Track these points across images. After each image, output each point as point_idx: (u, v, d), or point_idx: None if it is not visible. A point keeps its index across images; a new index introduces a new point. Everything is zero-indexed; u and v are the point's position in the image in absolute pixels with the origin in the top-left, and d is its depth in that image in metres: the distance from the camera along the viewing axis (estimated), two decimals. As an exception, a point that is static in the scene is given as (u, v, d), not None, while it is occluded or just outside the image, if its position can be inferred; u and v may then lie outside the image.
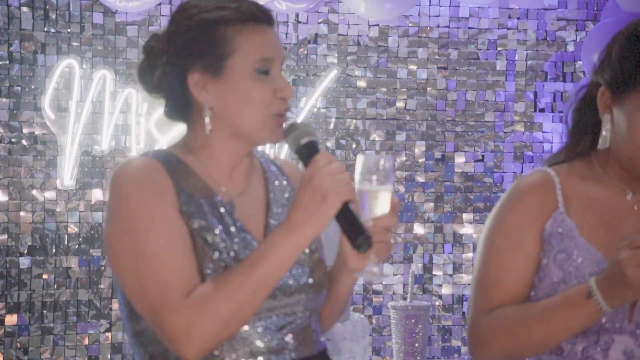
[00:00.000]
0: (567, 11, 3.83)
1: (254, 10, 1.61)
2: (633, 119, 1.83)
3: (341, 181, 1.53)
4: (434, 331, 3.73)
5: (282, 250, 1.54)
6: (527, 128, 3.84)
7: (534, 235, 1.85)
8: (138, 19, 3.58)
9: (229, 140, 1.64)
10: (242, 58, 1.59)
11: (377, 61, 3.75)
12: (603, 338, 1.80)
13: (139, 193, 1.57)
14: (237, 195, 1.66)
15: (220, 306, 1.51)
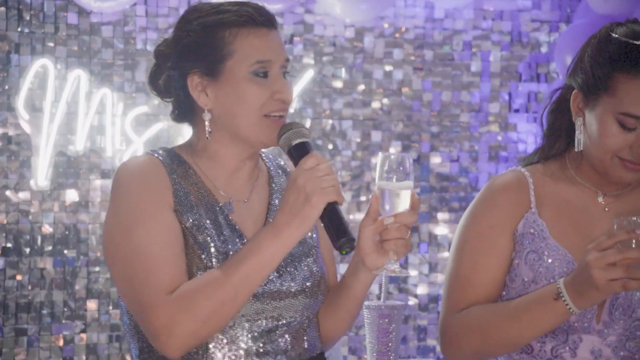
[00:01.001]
0: (540, 12, 3.86)
1: (252, 13, 1.63)
2: (604, 122, 1.85)
3: (326, 182, 1.53)
4: (409, 330, 3.75)
5: (266, 250, 1.54)
6: (502, 128, 3.87)
7: (506, 235, 1.87)
8: (113, 19, 3.57)
9: (229, 143, 1.66)
10: (239, 60, 1.61)
11: (353, 62, 3.76)
12: (572, 337, 1.83)
13: (135, 189, 1.61)
14: (237, 199, 1.68)
15: (201, 304, 1.52)
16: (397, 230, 1.61)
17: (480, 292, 1.88)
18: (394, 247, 1.61)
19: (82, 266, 3.54)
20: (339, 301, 1.73)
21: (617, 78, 1.81)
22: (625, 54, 1.81)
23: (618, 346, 1.82)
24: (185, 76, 1.64)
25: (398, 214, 1.61)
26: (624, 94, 1.81)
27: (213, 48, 1.61)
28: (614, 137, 1.84)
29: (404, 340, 3.74)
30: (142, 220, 1.58)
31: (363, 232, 1.63)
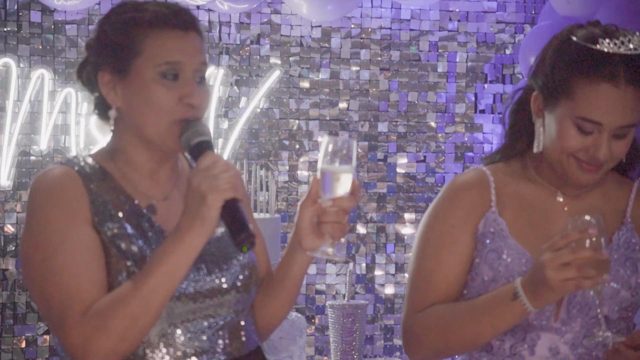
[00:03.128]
0: (505, 14, 3.88)
1: (167, 13, 1.60)
2: (562, 125, 1.86)
3: (222, 180, 1.50)
4: (376, 330, 3.76)
5: (173, 257, 1.51)
6: (468, 129, 3.89)
7: (467, 234, 1.88)
8: (77, 18, 3.55)
9: (139, 145, 1.62)
10: (147, 60, 1.57)
11: (319, 62, 3.77)
12: (530, 335, 1.84)
13: (49, 206, 1.56)
14: (159, 200, 1.64)
15: (114, 321, 1.50)
16: (335, 214, 1.59)
17: (441, 291, 1.89)
18: (330, 230, 1.60)
19: (45, 267, 3.52)
20: (277, 285, 1.72)
21: (575, 82, 1.82)
22: (584, 58, 1.82)
23: (575, 343, 1.84)
24: (97, 71, 1.61)
25: (337, 197, 1.59)
26: (581, 98, 1.82)
27: (124, 45, 1.58)
28: (571, 140, 1.85)
29: (370, 340, 3.76)
30: (56, 239, 1.54)
31: (302, 214, 1.61)
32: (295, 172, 3.76)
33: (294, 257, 1.69)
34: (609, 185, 1.92)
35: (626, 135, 1.81)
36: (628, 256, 1.86)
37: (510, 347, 1.85)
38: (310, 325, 3.68)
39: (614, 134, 1.81)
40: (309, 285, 3.71)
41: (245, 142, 3.66)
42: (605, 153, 1.81)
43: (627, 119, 1.78)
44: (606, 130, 1.81)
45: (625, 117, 1.78)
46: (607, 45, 1.81)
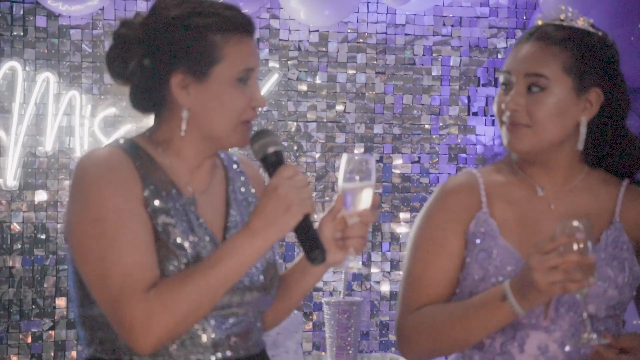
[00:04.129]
0: (498, 20, 3.88)
1: (241, 19, 1.62)
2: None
3: (305, 194, 1.54)
4: (372, 326, 3.76)
5: (242, 253, 1.54)
6: (461, 131, 3.89)
7: (458, 235, 1.88)
8: (81, 23, 3.55)
9: (198, 141, 1.64)
10: (228, 66, 1.59)
11: (317, 66, 3.77)
12: (519, 333, 1.84)
13: (105, 183, 1.55)
14: (198, 192, 1.66)
15: (180, 302, 1.51)
16: (359, 228, 1.63)
17: (433, 291, 1.89)
18: (354, 244, 1.63)
19: (50, 265, 3.52)
20: (286, 291, 1.74)
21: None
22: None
23: (564, 342, 1.84)
24: (168, 71, 1.60)
25: (360, 212, 1.62)
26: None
27: (203, 50, 1.59)
28: (498, 99, 1.89)
29: (366, 336, 3.75)
30: (116, 215, 1.53)
31: (324, 229, 1.64)
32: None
33: (311, 270, 1.72)
34: (597, 184, 1.92)
35: (542, 92, 1.80)
36: (616, 255, 1.86)
37: (500, 345, 1.86)
38: (308, 322, 3.68)
39: (528, 86, 1.81)
40: (306, 283, 3.72)
41: (245, 143, 3.66)
42: (510, 102, 1.81)
43: (532, 67, 1.79)
44: (517, 81, 1.82)
45: (529, 66, 1.79)
46: (537, 18, 1.89)
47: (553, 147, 1.85)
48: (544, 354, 1.84)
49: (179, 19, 1.60)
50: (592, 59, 1.83)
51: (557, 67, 1.81)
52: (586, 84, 1.83)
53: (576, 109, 1.83)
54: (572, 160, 1.90)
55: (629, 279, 1.86)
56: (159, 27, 1.61)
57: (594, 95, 1.84)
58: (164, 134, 1.64)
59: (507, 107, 1.83)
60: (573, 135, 1.85)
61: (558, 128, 1.83)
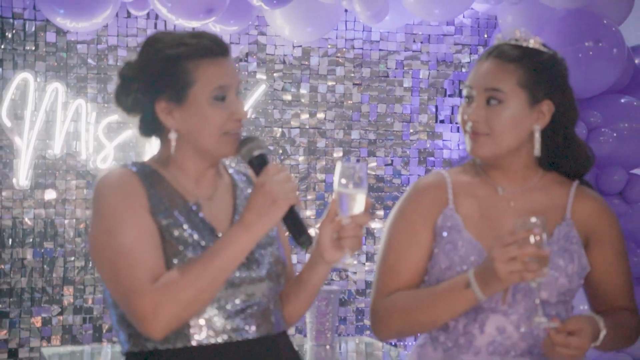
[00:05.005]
0: (462, 37, 3.92)
1: (211, 45, 1.65)
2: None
3: (289, 188, 1.58)
4: (348, 312, 3.78)
5: (237, 245, 1.58)
6: (430, 137, 3.92)
7: (427, 229, 1.91)
8: (87, 38, 3.56)
9: (193, 156, 1.68)
10: (201, 88, 1.63)
11: (300, 77, 3.79)
12: (480, 316, 1.87)
13: (115, 198, 1.62)
14: (204, 199, 1.70)
15: (183, 291, 1.55)
16: (353, 229, 1.65)
17: (404, 278, 1.91)
18: (349, 243, 1.65)
19: (59, 256, 3.52)
20: (300, 290, 1.77)
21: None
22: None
23: (519, 324, 1.87)
24: (152, 100, 1.65)
25: (354, 215, 1.64)
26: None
27: (178, 77, 1.63)
28: (461, 110, 1.92)
29: (344, 321, 3.78)
30: (123, 222, 1.59)
31: (323, 231, 1.66)
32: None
33: (316, 268, 1.76)
34: (551, 185, 1.95)
35: (500, 104, 1.84)
36: (566, 248, 1.89)
37: (463, 327, 1.88)
38: (292, 308, 3.69)
39: (487, 100, 1.85)
40: (290, 273, 3.74)
41: (235, 147, 3.67)
42: (472, 113, 1.84)
43: (491, 83, 1.83)
44: (478, 94, 1.85)
45: (488, 82, 1.83)
46: (496, 38, 1.93)
47: (510, 153, 1.88)
48: (501, 335, 1.87)
49: (157, 53, 1.64)
50: (543, 74, 1.86)
51: (513, 83, 1.84)
52: (538, 96, 1.86)
53: (530, 119, 1.86)
54: (528, 163, 1.93)
55: (578, 268, 1.89)
56: (144, 63, 1.66)
57: (546, 106, 1.87)
58: (166, 153, 1.69)
59: (469, 118, 1.86)
60: (528, 142, 1.88)
61: (514, 136, 1.86)
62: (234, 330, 1.65)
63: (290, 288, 1.78)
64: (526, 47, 1.87)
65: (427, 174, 2.03)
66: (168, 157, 1.68)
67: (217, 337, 1.64)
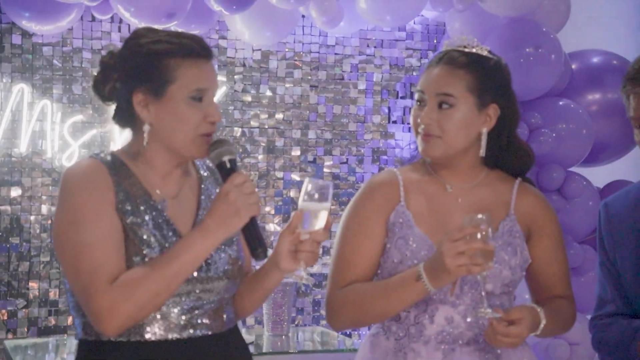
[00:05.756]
0: (413, 42, 3.95)
1: (195, 46, 1.63)
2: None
3: (252, 199, 1.56)
4: (306, 303, 3.79)
5: (195, 249, 1.56)
6: (383, 137, 3.94)
7: (380, 224, 1.93)
8: (53, 41, 3.50)
9: (163, 152, 1.64)
10: (180, 86, 1.60)
11: (260, 80, 3.78)
12: (430, 307, 1.90)
13: (81, 191, 1.57)
14: (170, 197, 1.66)
15: (140, 292, 1.52)
16: (311, 245, 1.64)
17: (358, 271, 1.92)
18: (305, 258, 1.65)
19: (24, 251, 3.46)
20: (253, 291, 1.77)
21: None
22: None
23: (466, 314, 1.90)
24: (130, 91, 1.61)
25: (313, 231, 1.63)
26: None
27: (159, 72, 1.60)
28: (413, 113, 1.91)
29: (301, 311, 3.78)
30: (87, 217, 1.55)
31: (281, 241, 1.65)
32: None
33: (270, 274, 1.75)
34: (496, 182, 1.98)
35: (450, 108, 1.86)
36: (510, 242, 1.92)
37: (414, 317, 1.90)
38: (252, 300, 3.68)
39: (439, 104, 1.87)
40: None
41: (197, 146, 3.64)
42: (424, 117, 1.87)
43: (442, 88, 1.85)
44: (429, 99, 1.88)
45: (439, 87, 1.86)
46: (444, 45, 1.96)
47: (459, 153, 1.91)
48: (449, 324, 1.89)
49: (141, 47, 1.62)
50: (490, 80, 1.89)
51: (463, 88, 1.87)
52: (486, 101, 1.89)
53: (478, 122, 1.89)
54: (475, 162, 1.95)
55: (520, 261, 1.93)
56: (127, 54, 1.63)
57: (492, 110, 1.90)
58: (136, 146, 1.65)
59: (422, 121, 1.88)
60: (475, 143, 1.91)
61: (463, 138, 1.88)
62: (187, 327, 1.63)
63: (244, 286, 1.76)
64: (474, 54, 1.89)
65: (381, 172, 2.04)
66: (138, 150, 1.64)
67: (171, 333, 1.61)
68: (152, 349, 1.60)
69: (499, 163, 1.99)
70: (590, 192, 3.41)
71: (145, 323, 1.60)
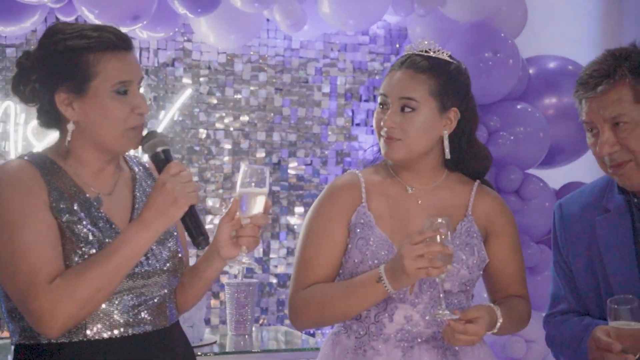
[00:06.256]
0: (376, 46, 3.95)
1: (113, 38, 1.56)
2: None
3: (189, 188, 1.51)
4: (270, 303, 3.76)
5: (135, 242, 1.50)
6: (346, 139, 3.93)
7: (342, 226, 1.91)
8: (16, 42, 3.42)
9: (93, 149, 1.59)
10: (102, 81, 1.54)
11: (225, 82, 3.74)
12: (390, 306, 1.89)
13: (12, 192, 1.50)
14: (104, 193, 1.61)
15: (80, 290, 1.46)
16: (251, 229, 1.60)
17: (320, 272, 1.91)
18: (246, 242, 1.61)
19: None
20: (194, 281, 1.73)
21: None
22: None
23: (425, 312, 1.89)
24: (52, 91, 1.56)
25: (253, 215, 1.60)
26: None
27: (79, 69, 1.54)
28: (376, 116, 1.89)
29: (266, 311, 3.75)
30: (21, 220, 1.49)
31: (222, 228, 1.62)
32: (204, 172, 3.72)
33: (211, 262, 1.71)
34: (455, 184, 1.98)
35: (413, 112, 1.85)
36: (467, 242, 1.92)
37: (374, 316, 1.89)
38: (216, 300, 3.64)
39: (401, 107, 1.86)
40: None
41: (162, 148, 3.59)
42: (387, 120, 1.86)
43: (405, 92, 1.84)
44: (392, 102, 1.87)
45: (402, 91, 1.85)
46: (406, 49, 1.93)
47: (421, 156, 1.90)
48: (408, 322, 1.89)
49: (57, 44, 1.55)
50: (451, 84, 1.88)
51: (425, 92, 1.86)
52: (447, 104, 1.88)
53: (439, 125, 1.89)
54: (435, 165, 1.95)
55: (478, 261, 1.93)
56: (43, 54, 1.56)
57: (453, 113, 1.90)
58: (64, 146, 1.60)
59: (385, 124, 1.87)
60: (436, 145, 1.91)
61: (425, 141, 1.88)
62: (130, 324, 1.59)
63: (185, 277, 1.72)
64: (435, 58, 1.89)
65: (343, 174, 2.03)
66: (67, 149, 1.59)
67: (113, 331, 1.57)
68: (94, 349, 1.54)
69: (458, 165, 1.98)
70: (547, 193, 3.43)
71: (87, 322, 1.55)
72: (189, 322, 2.95)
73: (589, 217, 1.90)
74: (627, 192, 1.85)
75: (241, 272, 3.27)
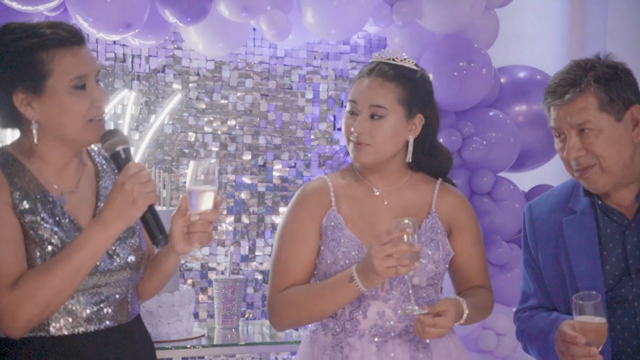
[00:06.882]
0: (357, 55, 3.99)
1: (64, 34, 1.51)
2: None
3: (148, 188, 1.47)
4: (256, 298, 3.79)
5: (95, 242, 1.47)
6: (329, 142, 3.97)
7: (313, 229, 1.95)
8: None
9: (57, 145, 1.54)
10: (59, 78, 1.49)
11: (213, 88, 3.77)
12: (363, 304, 1.93)
13: None
14: (67, 190, 1.57)
15: (42, 291, 1.43)
16: (202, 225, 1.55)
17: (296, 275, 1.94)
18: (198, 238, 1.57)
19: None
20: (154, 274, 1.69)
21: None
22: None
23: (396, 307, 1.93)
24: (9, 92, 1.50)
25: (202, 211, 1.55)
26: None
27: (34, 68, 1.48)
28: (345, 122, 1.91)
29: (252, 306, 3.79)
30: None
31: (174, 224, 1.57)
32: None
33: (167, 257, 1.66)
34: (418, 184, 2.01)
35: (382, 119, 1.88)
36: (432, 238, 1.96)
37: (349, 313, 1.93)
38: (204, 295, 3.68)
39: (371, 115, 1.90)
40: (203, 264, 3.71)
41: (153, 150, 3.63)
42: (357, 126, 1.90)
43: (374, 100, 1.88)
44: (362, 109, 1.91)
45: (371, 98, 1.89)
46: (374, 57, 1.96)
47: (388, 159, 1.94)
48: (381, 318, 1.93)
49: (9, 45, 1.50)
50: (417, 92, 1.93)
51: (393, 100, 1.90)
52: (413, 111, 1.93)
53: (406, 130, 1.93)
54: (400, 166, 1.99)
55: (443, 255, 1.97)
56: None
57: (418, 119, 1.94)
58: (28, 144, 1.55)
59: (355, 130, 1.90)
60: (402, 149, 1.95)
61: (393, 146, 1.92)
62: (92, 320, 1.56)
63: (146, 269, 1.70)
64: (402, 67, 1.93)
65: (312, 180, 2.06)
66: (30, 147, 1.54)
67: (76, 327, 1.54)
68: (57, 344, 1.51)
69: (421, 166, 2.03)
70: (517, 195, 3.49)
71: (50, 319, 1.52)
72: (178, 317, 2.98)
73: (557, 218, 1.93)
74: (592, 195, 1.89)
75: (228, 269, 3.30)
